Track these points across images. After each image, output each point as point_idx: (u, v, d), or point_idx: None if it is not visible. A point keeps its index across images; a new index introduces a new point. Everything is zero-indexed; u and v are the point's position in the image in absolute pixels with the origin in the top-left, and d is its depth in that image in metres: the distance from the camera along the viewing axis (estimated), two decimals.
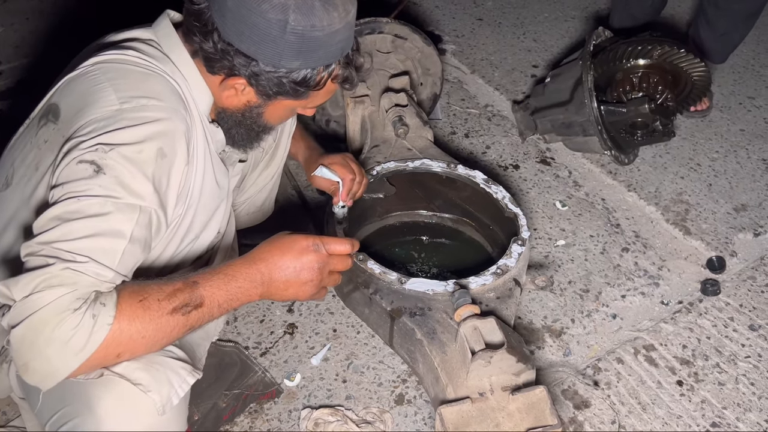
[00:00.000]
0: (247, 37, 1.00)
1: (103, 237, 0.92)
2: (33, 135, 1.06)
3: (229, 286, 1.01)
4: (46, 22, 2.61)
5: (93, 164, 0.93)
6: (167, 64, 1.08)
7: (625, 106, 1.98)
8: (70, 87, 1.04)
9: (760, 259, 1.83)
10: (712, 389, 1.52)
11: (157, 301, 0.93)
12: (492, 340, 1.21)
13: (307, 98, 1.11)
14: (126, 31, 1.13)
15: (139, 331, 0.92)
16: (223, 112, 1.14)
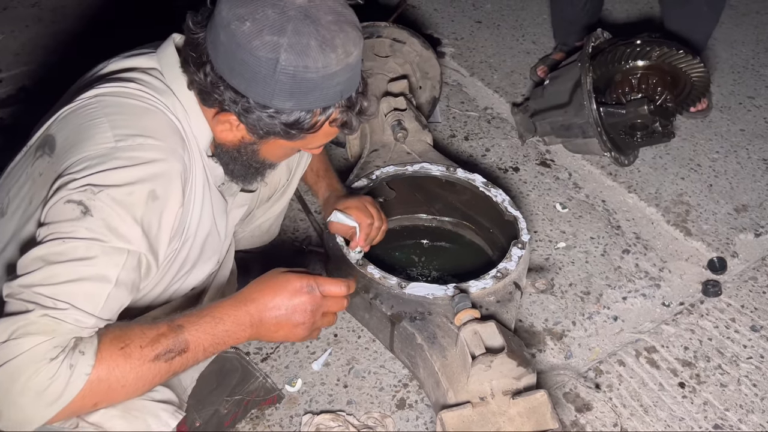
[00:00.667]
0: (238, 73, 0.96)
1: (87, 282, 0.90)
2: (29, 165, 1.02)
3: (215, 330, 0.97)
4: (45, 29, 2.62)
5: (81, 205, 0.91)
6: (169, 98, 1.05)
7: (625, 107, 1.98)
8: (67, 119, 1.01)
9: (761, 259, 1.83)
10: (714, 391, 1.51)
11: (139, 348, 0.90)
12: (492, 345, 1.20)
13: (303, 140, 1.05)
14: (130, 58, 1.09)
15: (119, 380, 0.89)
16: (219, 147, 1.10)
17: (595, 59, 2.04)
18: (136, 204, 0.94)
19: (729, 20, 2.68)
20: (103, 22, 2.68)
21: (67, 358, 0.86)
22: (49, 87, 2.27)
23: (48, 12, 2.73)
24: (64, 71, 1.21)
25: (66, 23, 2.67)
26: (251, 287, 1.03)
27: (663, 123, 1.99)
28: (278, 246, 1.80)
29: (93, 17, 2.72)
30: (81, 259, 0.90)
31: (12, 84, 2.32)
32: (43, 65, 2.42)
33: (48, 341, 0.85)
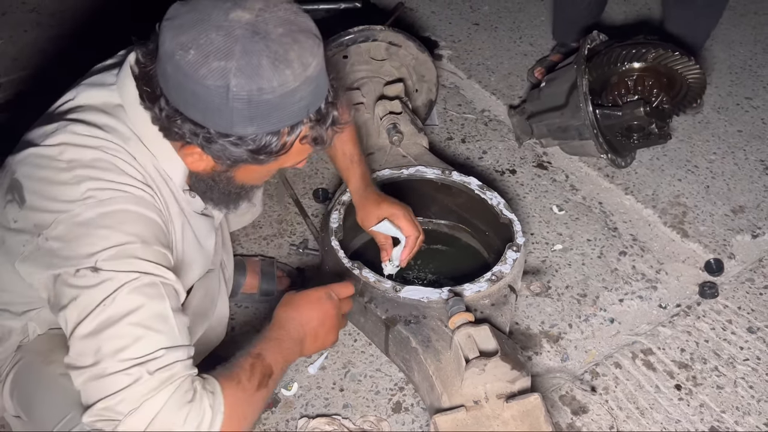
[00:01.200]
0: (192, 104, 0.91)
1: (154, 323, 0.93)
2: (2, 205, 1.01)
3: (281, 349, 1.06)
4: (44, 34, 2.63)
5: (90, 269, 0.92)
6: (134, 145, 1.01)
7: (621, 109, 1.98)
8: (33, 166, 0.98)
9: (758, 260, 1.83)
10: (710, 393, 1.51)
11: (247, 381, 0.98)
12: (486, 348, 1.21)
13: (277, 161, 0.99)
14: (96, 89, 1.04)
15: (243, 411, 0.97)
16: (194, 177, 1.07)
17: (591, 61, 2.04)
18: (136, 251, 0.95)
19: (727, 21, 2.67)
20: (102, 27, 2.69)
21: (202, 397, 0.92)
22: (47, 92, 2.27)
23: (47, 17, 2.74)
24: (63, 76, 1.22)
25: (65, 28, 2.68)
26: (281, 310, 1.12)
27: (659, 125, 1.99)
28: (276, 248, 1.81)
29: (92, 22, 2.73)
30: (131, 311, 0.91)
31: (11, 89, 2.33)
32: (41, 70, 2.42)
33: (177, 389, 0.90)
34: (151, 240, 0.97)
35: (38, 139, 1.00)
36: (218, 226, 1.27)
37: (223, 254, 1.46)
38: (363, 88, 1.91)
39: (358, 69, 1.95)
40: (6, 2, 2.81)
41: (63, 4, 2.82)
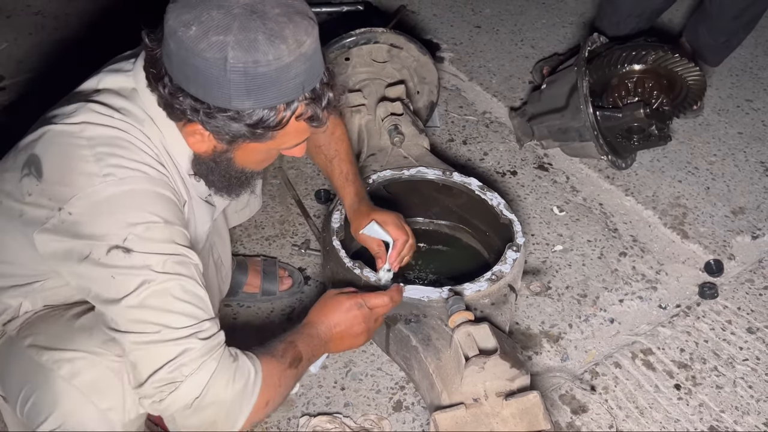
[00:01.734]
0: (193, 80, 0.96)
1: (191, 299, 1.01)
2: (18, 179, 1.04)
3: (311, 342, 1.18)
4: (49, 37, 2.65)
5: (119, 248, 0.98)
6: (148, 126, 1.06)
7: (621, 111, 1.99)
8: (52, 143, 1.03)
9: (758, 261, 1.83)
10: (710, 392, 1.52)
11: (280, 357, 1.11)
12: (486, 346, 1.22)
13: (274, 140, 1.04)
14: (114, 75, 1.10)
15: (279, 379, 1.09)
16: (197, 159, 1.11)
17: (592, 63, 2.05)
18: (162, 230, 1.01)
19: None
20: (106, 30, 2.71)
21: (245, 360, 1.04)
22: (52, 94, 2.29)
23: (51, 20, 2.76)
24: (67, 79, 1.24)
25: (69, 31, 2.70)
26: (314, 313, 1.23)
27: (659, 126, 2.00)
28: (278, 248, 1.82)
29: (96, 24, 2.75)
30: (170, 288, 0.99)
31: (15, 91, 2.35)
32: (46, 73, 2.44)
33: (223, 354, 1.02)
34: (172, 219, 1.03)
35: (58, 118, 1.05)
36: (215, 217, 1.30)
37: (221, 250, 1.48)
38: (365, 89, 1.92)
39: (360, 71, 1.96)
40: (11, 5, 2.83)
41: (67, 7, 2.85)
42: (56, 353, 1.05)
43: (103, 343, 1.05)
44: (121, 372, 1.04)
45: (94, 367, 1.03)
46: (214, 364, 0.99)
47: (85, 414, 1.03)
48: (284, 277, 1.70)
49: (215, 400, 1.00)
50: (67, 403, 1.03)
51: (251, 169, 1.13)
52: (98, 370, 1.04)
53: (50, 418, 1.03)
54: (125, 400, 1.05)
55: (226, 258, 1.52)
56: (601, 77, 2.06)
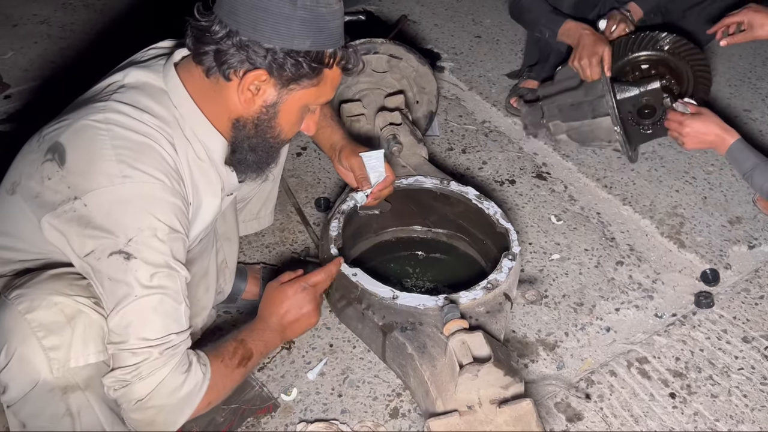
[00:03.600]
0: (262, 22, 1.07)
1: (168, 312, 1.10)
2: (39, 162, 1.10)
3: (263, 337, 1.30)
4: (54, 46, 2.69)
5: (122, 253, 1.06)
6: (175, 129, 1.15)
7: (636, 84, 2.04)
8: (78, 136, 1.09)
9: (754, 271, 1.84)
10: (704, 401, 1.53)
11: (229, 359, 1.22)
12: (480, 354, 1.23)
13: (317, 87, 1.16)
14: (145, 71, 1.18)
15: (223, 382, 1.20)
16: (238, 128, 1.18)
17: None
18: (163, 241, 1.09)
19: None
20: (110, 39, 2.75)
21: (197, 368, 1.14)
22: (56, 102, 2.32)
23: (56, 29, 2.80)
24: (72, 87, 1.27)
25: (74, 40, 2.74)
26: (263, 307, 1.35)
27: (673, 101, 2.02)
28: (277, 256, 1.84)
29: (101, 34, 2.78)
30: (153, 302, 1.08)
31: (20, 99, 2.38)
32: (50, 81, 2.48)
33: (178, 363, 1.11)
34: (177, 227, 1.11)
35: (87, 113, 1.11)
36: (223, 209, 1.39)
37: (227, 252, 1.54)
38: (364, 99, 1.95)
39: (360, 81, 1.99)
40: (17, 14, 2.87)
41: (72, 17, 2.89)
42: (24, 290, 1.10)
43: (68, 287, 1.10)
44: (74, 318, 1.09)
45: (48, 308, 1.08)
46: (165, 371, 1.09)
47: (29, 348, 1.07)
48: None
49: (157, 404, 1.09)
50: (17, 335, 1.07)
51: (285, 136, 1.22)
52: (52, 311, 1.08)
53: (2, 352, 1.08)
54: (71, 346, 1.08)
55: (232, 260, 1.58)
56: (614, 63, 2.09)
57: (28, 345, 1.07)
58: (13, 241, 1.18)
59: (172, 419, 1.12)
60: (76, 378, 1.11)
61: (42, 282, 1.11)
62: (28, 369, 1.08)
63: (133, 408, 1.09)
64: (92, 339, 1.10)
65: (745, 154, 1.81)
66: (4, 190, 1.18)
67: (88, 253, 1.07)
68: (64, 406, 1.12)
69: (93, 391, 1.14)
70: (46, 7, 2.93)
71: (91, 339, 1.10)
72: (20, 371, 1.08)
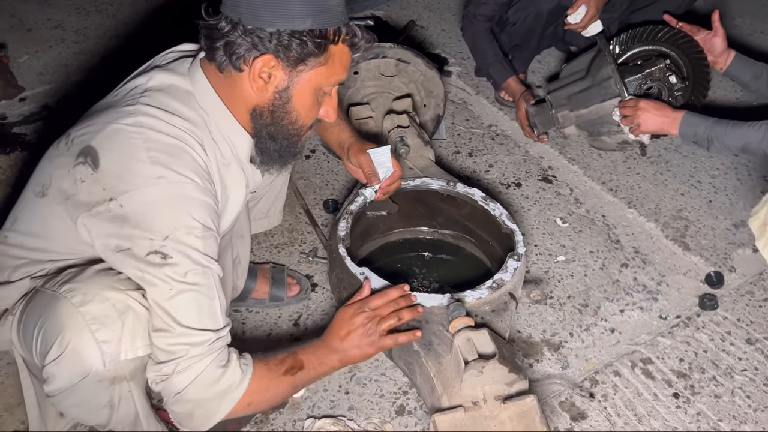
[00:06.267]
0: (262, 8, 1.10)
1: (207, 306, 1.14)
2: (70, 165, 1.14)
3: (318, 353, 1.31)
4: (68, 50, 2.73)
5: (158, 253, 1.10)
6: (202, 130, 1.18)
7: (641, 66, 2.09)
8: (111, 140, 1.13)
9: (758, 274, 1.86)
10: (708, 402, 1.54)
11: (275, 366, 1.24)
12: (485, 351, 1.25)
13: (327, 63, 1.17)
14: (171, 75, 1.21)
15: (266, 386, 1.21)
16: (255, 117, 1.21)
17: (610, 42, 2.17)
18: (197, 240, 1.12)
19: (734, 40, 2.71)
20: (124, 43, 2.79)
21: (236, 365, 1.17)
22: (70, 105, 2.36)
23: (71, 33, 2.85)
24: (85, 90, 1.30)
25: (88, 44, 2.78)
26: (328, 329, 1.37)
27: (678, 78, 2.09)
28: (287, 256, 1.87)
29: (114, 38, 2.83)
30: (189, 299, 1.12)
31: (35, 102, 2.42)
32: (65, 84, 2.52)
33: (215, 358, 1.14)
34: (210, 225, 1.15)
35: (117, 118, 1.15)
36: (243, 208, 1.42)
37: (240, 250, 1.57)
38: (372, 102, 1.98)
39: (368, 84, 2.02)
40: (31, 18, 2.92)
41: (86, 21, 2.94)
42: (74, 284, 1.14)
43: (116, 282, 1.14)
44: (124, 313, 1.13)
45: (101, 303, 1.12)
46: (202, 366, 1.12)
47: (83, 340, 1.10)
48: (292, 283, 1.75)
49: (194, 397, 1.13)
50: (71, 327, 1.10)
51: (303, 121, 1.23)
52: (104, 305, 1.12)
53: (55, 344, 1.10)
54: (122, 339, 1.13)
55: (245, 257, 1.61)
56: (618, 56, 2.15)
57: (82, 337, 1.10)
58: (44, 243, 1.21)
59: (210, 414, 1.16)
60: (124, 370, 1.15)
61: (91, 277, 1.15)
62: (80, 361, 1.11)
63: (173, 401, 1.14)
64: (140, 334, 1.14)
65: (698, 119, 1.88)
66: (32, 193, 1.21)
67: (124, 250, 1.11)
68: (108, 397, 1.16)
69: (137, 382, 1.19)
70: (60, 12, 2.98)
71: (138, 334, 1.14)
72: (72, 363, 1.11)
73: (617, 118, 2.02)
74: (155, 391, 1.17)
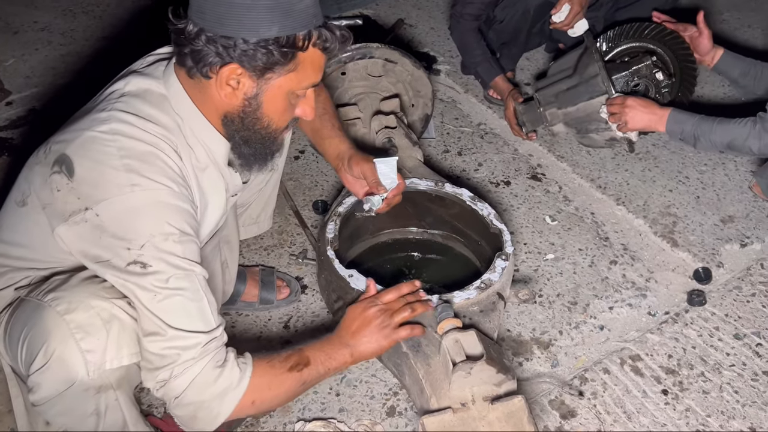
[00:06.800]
0: (227, 16, 1.08)
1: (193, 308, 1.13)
2: (47, 174, 1.13)
3: (325, 348, 1.29)
4: (55, 53, 2.72)
5: (137, 263, 1.09)
6: (178, 136, 1.18)
7: (628, 63, 2.10)
8: (85, 147, 1.12)
9: (746, 269, 1.87)
10: (696, 398, 1.55)
11: (278, 362, 1.22)
12: (473, 352, 1.26)
13: (296, 72, 1.15)
14: (145, 79, 1.20)
15: (269, 383, 1.19)
16: (228, 123, 1.20)
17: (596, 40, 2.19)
18: (176, 245, 1.11)
19: (720, 36, 2.72)
20: (112, 45, 2.78)
21: (233, 365, 1.15)
22: (58, 108, 2.35)
23: (57, 35, 2.84)
24: (73, 93, 1.30)
25: (75, 46, 2.77)
26: (339, 324, 1.36)
27: (665, 75, 2.10)
28: (276, 258, 1.87)
29: (101, 40, 2.82)
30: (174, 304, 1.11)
31: (22, 105, 2.41)
32: (52, 87, 2.51)
33: (211, 359, 1.13)
34: (188, 230, 1.14)
35: (91, 125, 1.14)
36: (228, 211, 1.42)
37: (228, 255, 1.56)
38: (360, 103, 1.98)
39: (356, 85, 2.02)
40: (18, 21, 2.91)
41: (73, 23, 2.92)
42: (59, 293, 1.13)
43: (102, 290, 1.14)
44: (109, 321, 1.13)
45: (86, 311, 1.12)
46: (198, 368, 1.11)
47: (67, 349, 1.10)
48: (282, 286, 1.75)
49: (194, 400, 1.13)
50: (56, 336, 1.10)
51: (276, 125, 1.22)
52: (89, 313, 1.12)
53: (40, 353, 1.10)
54: (107, 349, 1.13)
55: (233, 262, 1.60)
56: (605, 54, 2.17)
57: (67, 346, 1.10)
58: (28, 252, 1.21)
59: (213, 415, 1.15)
60: (110, 378, 1.15)
61: (77, 285, 1.15)
62: (65, 370, 1.11)
63: (174, 405, 1.14)
64: (125, 343, 1.14)
65: (684, 116, 1.90)
66: (14, 202, 1.21)
67: (104, 261, 1.10)
68: (94, 405, 1.16)
69: (123, 390, 1.19)
70: (46, 14, 2.97)
71: (124, 343, 1.14)
72: (57, 372, 1.11)
73: (605, 116, 2.02)
74: (157, 398, 1.17)
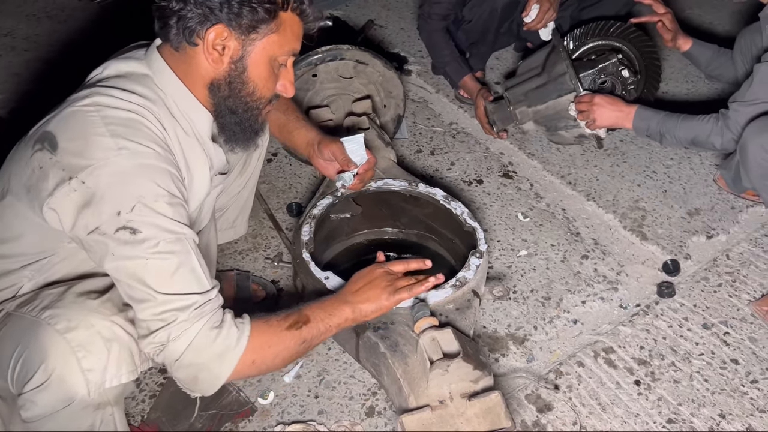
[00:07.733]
0: None
1: (185, 271, 1.12)
2: (28, 156, 1.13)
3: (325, 305, 1.30)
4: (18, 58, 2.67)
5: (126, 229, 1.08)
6: (161, 107, 1.18)
7: (595, 62, 2.15)
8: (68, 121, 1.12)
9: (712, 260, 1.92)
10: (668, 387, 1.59)
11: (276, 322, 1.22)
12: (449, 350, 1.27)
13: (279, 30, 1.18)
14: (125, 62, 1.22)
15: (268, 342, 1.19)
16: (215, 100, 1.21)
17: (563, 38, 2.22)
18: (166, 207, 1.11)
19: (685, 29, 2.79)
20: (76, 49, 2.73)
21: (231, 325, 1.15)
22: (23, 115, 2.31)
23: (21, 41, 2.78)
24: (38, 99, 1.28)
25: (39, 52, 2.72)
26: (343, 288, 1.38)
27: (631, 72, 2.15)
28: (251, 262, 1.86)
29: (66, 45, 2.77)
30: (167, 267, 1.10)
31: None
32: (16, 94, 2.46)
33: (207, 320, 1.12)
34: (176, 192, 1.14)
35: (72, 102, 1.15)
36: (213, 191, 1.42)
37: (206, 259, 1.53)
38: (332, 105, 1.98)
39: (328, 87, 2.02)
40: None
41: (37, 28, 2.87)
42: (57, 310, 1.11)
43: (100, 307, 1.13)
44: (110, 340, 1.11)
45: (87, 329, 1.10)
46: (195, 330, 1.11)
47: (68, 368, 1.08)
48: (258, 290, 1.75)
49: (194, 362, 1.12)
50: (56, 355, 1.08)
51: (260, 92, 1.23)
52: (90, 332, 1.10)
53: (38, 372, 1.08)
54: (107, 368, 1.11)
55: (211, 267, 1.58)
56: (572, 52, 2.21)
57: (67, 365, 1.08)
58: (13, 247, 1.19)
59: (213, 376, 1.14)
60: (109, 396, 1.13)
61: (73, 301, 1.13)
62: (65, 389, 1.08)
63: (174, 368, 1.13)
64: (126, 361, 1.13)
65: (650, 112, 1.96)
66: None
67: (93, 230, 1.09)
68: (90, 421, 1.13)
69: (119, 406, 1.17)
70: (9, 19, 2.91)
71: (124, 362, 1.13)
72: (57, 391, 1.08)
73: (573, 113, 2.06)
74: (157, 362, 1.15)
